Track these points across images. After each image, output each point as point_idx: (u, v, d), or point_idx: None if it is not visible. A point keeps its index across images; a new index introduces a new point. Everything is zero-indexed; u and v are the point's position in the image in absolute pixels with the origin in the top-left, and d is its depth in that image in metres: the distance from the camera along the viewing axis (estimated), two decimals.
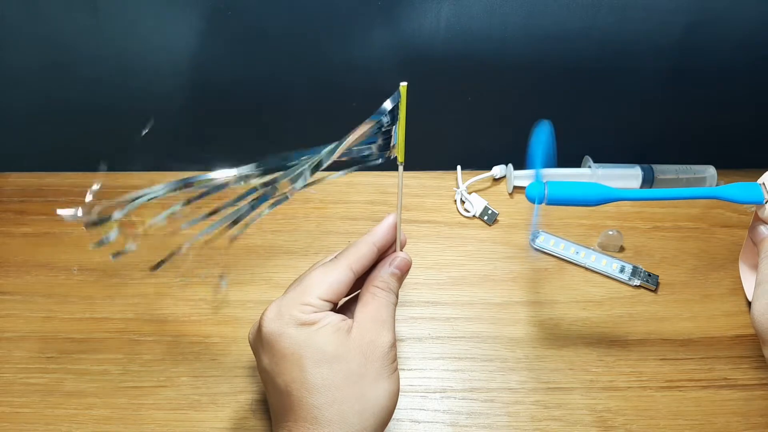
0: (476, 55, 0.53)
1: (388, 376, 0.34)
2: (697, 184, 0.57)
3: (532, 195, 0.41)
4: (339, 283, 0.35)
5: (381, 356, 0.34)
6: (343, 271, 0.36)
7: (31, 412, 0.44)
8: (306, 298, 0.35)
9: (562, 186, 0.41)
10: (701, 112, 0.58)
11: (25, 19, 0.50)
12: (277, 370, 0.34)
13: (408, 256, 0.39)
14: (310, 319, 0.34)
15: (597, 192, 0.41)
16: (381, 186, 0.58)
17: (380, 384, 0.34)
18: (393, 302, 0.37)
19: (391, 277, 0.37)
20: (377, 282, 0.37)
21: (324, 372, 0.33)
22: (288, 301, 0.35)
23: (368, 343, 0.34)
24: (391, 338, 0.35)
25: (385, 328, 0.35)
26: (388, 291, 0.37)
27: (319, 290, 0.35)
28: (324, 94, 0.56)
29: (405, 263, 0.38)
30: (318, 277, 0.36)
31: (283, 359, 0.34)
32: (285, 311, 0.34)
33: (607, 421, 0.43)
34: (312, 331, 0.34)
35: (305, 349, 0.33)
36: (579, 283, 0.51)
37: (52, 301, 0.50)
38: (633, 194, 0.41)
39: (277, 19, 0.51)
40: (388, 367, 0.34)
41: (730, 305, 0.50)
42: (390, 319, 0.36)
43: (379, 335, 0.35)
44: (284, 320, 0.34)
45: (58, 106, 0.57)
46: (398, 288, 0.38)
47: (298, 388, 0.33)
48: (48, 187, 0.58)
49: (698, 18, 0.51)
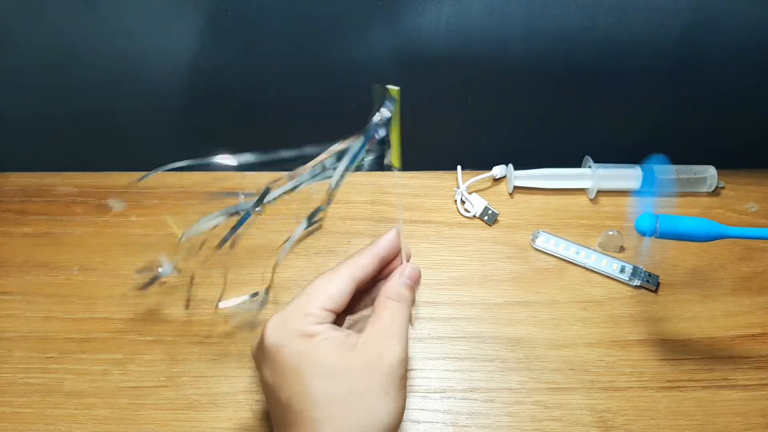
0: (476, 55, 0.53)
1: (395, 393, 0.33)
2: (697, 184, 0.57)
3: (643, 228, 0.40)
4: (340, 292, 0.35)
5: (388, 371, 0.32)
6: (343, 280, 0.35)
7: (31, 412, 0.44)
8: (307, 308, 0.34)
9: (673, 220, 0.40)
10: (701, 112, 0.59)
11: (25, 19, 0.50)
12: (279, 383, 0.33)
13: (417, 267, 0.38)
14: (312, 331, 0.33)
15: (707, 228, 0.40)
16: (381, 186, 0.58)
17: (385, 400, 0.32)
18: (405, 314, 0.35)
19: (404, 288, 0.36)
20: (389, 293, 0.36)
21: (326, 385, 0.32)
22: (289, 312, 0.34)
23: (375, 357, 0.33)
24: (400, 352, 0.33)
25: (395, 341, 0.33)
26: (400, 302, 0.35)
27: (320, 300, 0.34)
28: (324, 93, 0.56)
29: (415, 273, 0.37)
30: (319, 286, 0.35)
31: (285, 372, 0.33)
32: (287, 322, 0.34)
33: (608, 421, 0.43)
34: (314, 343, 0.33)
35: (307, 361, 0.32)
36: (579, 284, 0.51)
37: (52, 301, 0.50)
38: (744, 232, 0.41)
39: (277, 18, 0.51)
40: (396, 383, 0.33)
41: (730, 305, 0.50)
42: (401, 332, 0.34)
43: (387, 348, 0.33)
44: (286, 331, 0.33)
45: (58, 106, 0.57)
46: (411, 299, 0.37)
47: (300, 402, 0.32)
48: (48, 187, 0.58)
49: (698, 18, 0.51)
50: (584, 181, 0.57)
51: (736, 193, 0.58)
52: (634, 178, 0.56)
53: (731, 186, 0.58)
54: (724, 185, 0.58)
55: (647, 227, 0.40)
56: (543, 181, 0.57)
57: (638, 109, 0.58)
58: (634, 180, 0.56)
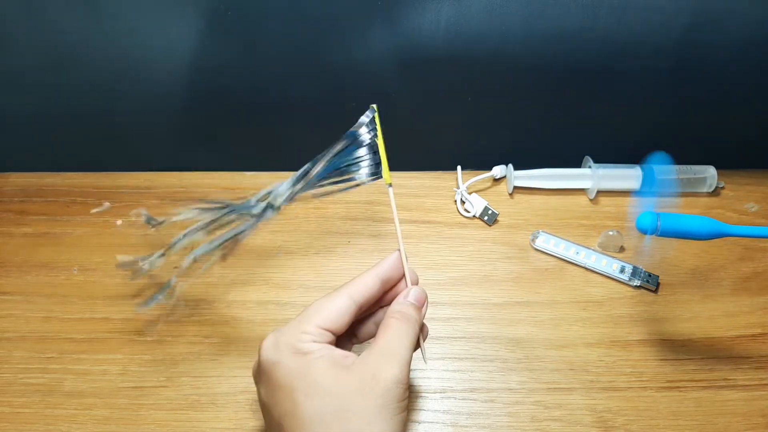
0: (476, 55, 0.53)
1: (391, 416, 0.31)
2: (697, 184, 0.57)
3: (644, 226, 0.40)
4: (339, 312, 0.34)
5: (383, 392, 0.31)
6: (343, 300, 0.34)
7: (31, 412, 0.44)
8: (304, 326, 0.33)
9: (675, 219, 0.40)
10: (701, 112, 0.58)
11: (25, 19, 0.50)
12: (272, 402, 0.33)
13: (423, 289, 0.37)
14: (307, 349, 0.32)
15: (707, 226, 0.40)
16: (381, 186, 0.58)
17: (379, 422, 0.30)
18: (409, 334, 0.34)
19: (408, 307, 0.35)
20: (391, 312, 0.35)
21: (316, 406, 0.31)
22: (287, 330, 0.34)
23: (369, 377, 0.31)
24: (398, 373, 0.31)
25: (394, 362, 0.32)
26: (402, 320, 0.34)
27: (318, 319, 0.34)
28: (324, 93, 0.56)
29: (421, 294, 0.37)
30: (317, 306, 0.34)
31: (278, 390, 0.32)
32: (282, 339, 0.33)
33: (608, 421, 0.43)
34: (307, 361, 0.32)
35: (298, 380, 0.31)
36: (579, 284, 0.51)
37: (52, 301, 0.50)
38: (744, 231, 0.41)
39: (277, 19, 0.51)
40: (392, 405, 0.31)
41: (730, 305, 0.50)
42: (402, 352, 0.33)
43: (384, 368, 0.32)
44: (281, 348, 0.33)
45: (58, 106, 0.57)
46: (417, 320, 0.35)
47: (290, 422, 0.31)
48: (48, 187, 0.58)
49: (698, 18, 0.51)
50: (584, 181, 0.57)
51: (736, 193, 0.58)
52: (634, 178, 0.56)
53: (731, 186, 0.58)
54: (724, 185, 0.58)
55: (648, 225, 0.40)
56: (543, 181, 0.57)
57: (638, 109, 0.58)
58: (634, 180, 0.56)
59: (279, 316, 0.49)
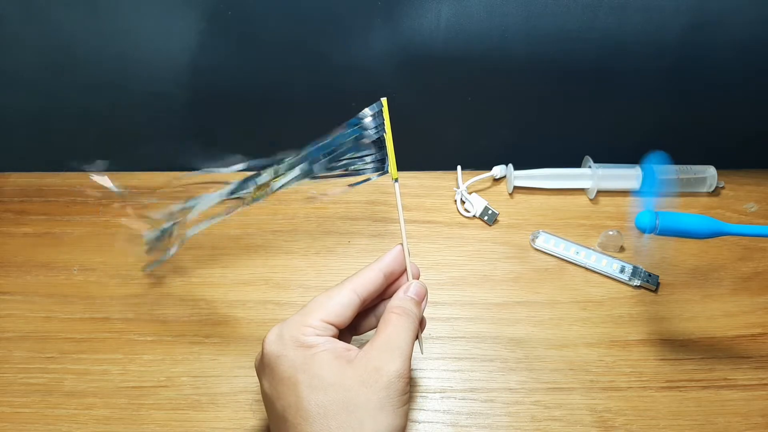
0: (476, 55, 0.53)
1: (393, 410, 0.32)
2: (697, 184, 0.57)
3: (643, 225, 0.40)
4: (341, 306, 0.34)
5: (385, 385, 0.32)
6: (346, 294, 0.35)
7: (31, 412, 0.44)
8: (307, 320, 0.34)
9: (673, 217, 0.40)
10: (701, 112, 0.58)
11: (25, 19, 0.50)
12: (276, 395, 0.33)
13: (423, 284, 0.37)
14: (310, 342, 0.33)
15: (706, 225, 0.40)
16: (381, 186, 0.58)
17: (382, 416, 0.31)
18: (409, 329, 0.34)
19: (408, 302, 0.36)
20: (392, 307, 0.35)
21: (319, 399, 0.31)
22: (290, 323, 0.34)
23: (372, 371, 0.32)
24: (400, 367, 0.32)
25: (395, 356, 0.33)
26: (403, 315, 0.35)
27: (321, 312, 0.34)
28: (324, 94, 0.56)
29: (421, 289, 0.37)
30: (320, 300, 0.35)
31: (281, 383, 0.33)
32: (285, 333, 0.33)
33: (608, 421, 0.43)
34: (310, 355, 0.32)
35: (302, 373, 0.32)
36: (579, 283, 0.51)
37: (52, 301, 0.50)
38: (743, 230, 0.41)
39: (277, 19, 0.51)
40: (395, 399, 0.32)
41: (730, 305, 0.50)
42: (403, 347, 0.33)
43: (386, 362, 0.32)
44: (284, 342, 0.33)
45: (58, 106, 0.57)
46: (417, 314, 0.36)
47: (294, 415, 0.32)
48: (48, 187, 0.58)
49: (698, 18, 0.51)
50: (584, 181, 0.57)
51: (735, 193, 0.58)
52: (634, 178, 0.57)
53: (731, 186, 0.58)
54: (724, 185, 0.58)
55: (647, 223, 0.40)
56: (543, 181, 0.57)
57: (638, 109, 0.58)
58: (634, 180, 0.56)
59: (279, 316, 0.49)
